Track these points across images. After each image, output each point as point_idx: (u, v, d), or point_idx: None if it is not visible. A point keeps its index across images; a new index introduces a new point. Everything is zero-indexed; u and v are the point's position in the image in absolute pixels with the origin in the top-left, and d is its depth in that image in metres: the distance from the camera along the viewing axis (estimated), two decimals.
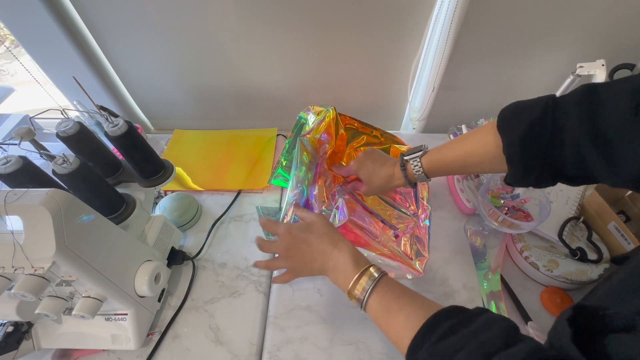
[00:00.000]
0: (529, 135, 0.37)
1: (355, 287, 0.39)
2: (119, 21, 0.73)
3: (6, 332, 0.47)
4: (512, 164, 0.39)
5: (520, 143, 0.38)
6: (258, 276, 0.61)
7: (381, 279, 0.39)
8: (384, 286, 0.39)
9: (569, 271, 0.55)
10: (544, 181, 0.39)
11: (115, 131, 0.47)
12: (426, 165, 0.49)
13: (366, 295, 0.38)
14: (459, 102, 0.87)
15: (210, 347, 0.53)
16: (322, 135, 0.63)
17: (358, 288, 0.39)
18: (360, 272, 0.40)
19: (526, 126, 0.37)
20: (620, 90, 0.31)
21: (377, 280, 0.39)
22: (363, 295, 0.39)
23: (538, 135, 0.36)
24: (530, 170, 0.38)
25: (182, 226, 0.67)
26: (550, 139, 0.36)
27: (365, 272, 0.40)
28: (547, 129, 0.35)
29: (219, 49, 0.79)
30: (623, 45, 0.73)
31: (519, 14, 0.68)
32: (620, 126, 0.31)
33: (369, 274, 0.39)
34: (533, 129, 0.36)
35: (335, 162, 0.68)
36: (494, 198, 0.63)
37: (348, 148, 0.70)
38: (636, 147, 0.30)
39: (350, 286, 0.39)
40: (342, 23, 0.73)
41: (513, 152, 0.39)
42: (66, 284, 0.43)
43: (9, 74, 1.76)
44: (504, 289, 0.58)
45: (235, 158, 0.84)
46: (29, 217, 0.36)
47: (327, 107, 0.65)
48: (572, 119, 0.34)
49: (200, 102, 0.92)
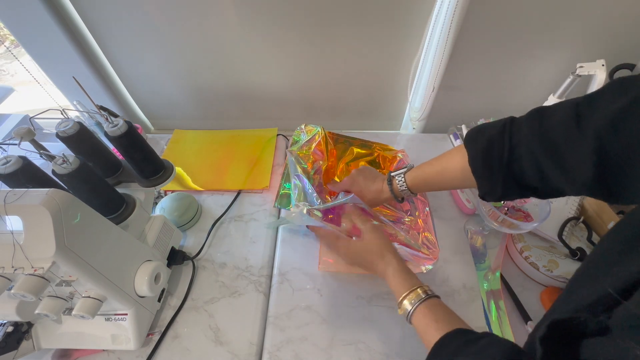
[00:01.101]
0: (488, 148, 0.41)
1: (402, 304, 0.44)
2: (119, 21, 0.73)
3: (6, 332, 0.47)
4: (477, 176, 0.43)
5: (481, 155, 0.42)
6: (258, 276, 0.61)
7: (425, 301, 0.42)
8: (424, 308, 0.42)
9: (569, 271, 0.55)
10: (511, 194, 0.42)
11: (115, 131, 0.47)
12: (409, 181, 0.54)
13: (409, 314, 0.43)
14: (459, 102, 0.87)
15: (210, 347, 0.53)
16: (315, 151, 0.68)
17: (404, 305, 0.44)
18: (407, 293, 0.44)
19: (486, 141, 0.41)
20: (565, 105, 0.36)
21: (421, 300, 0.42)
22: (406, 314, 0.43)
23: (497, 148, 0.40)
24: (495, 182, 0.42)
25: (182, 226, 0.67)
26: (509, 152, 0.39)
27: (412, 293, 0.44)
28: (505, 143, 0.40)
29: (219, 49, 0.79)
30: (623, 45, 0.73)
31: (519, 14, 0.68)
32: (565, 134, 0.34)
33: (415, 294, 0.43)
34: (492, 143, 0.41)
35: (329, 178, 0.72)
36: None
37: (340, 163, 0.75)
38: (581, 154, 0.32)
39: (399, 302, 0.44)
40: (342, 23, 0.73)
41: (476, 165, 0.43)
42: (66, 284, 0.43)
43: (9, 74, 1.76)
44: (504, 289, 0.58)
45: (235, 158, 0.84)
46: (29, 217, 0.36)
47: (316, 127, 0.71)
48: (524, 130, 0.38)
49: (200, 102, 0.92)
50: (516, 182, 0.40)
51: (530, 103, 0.85)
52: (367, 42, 0.77)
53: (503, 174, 0.40)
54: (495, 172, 0.41)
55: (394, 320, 0.55)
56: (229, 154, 0.85)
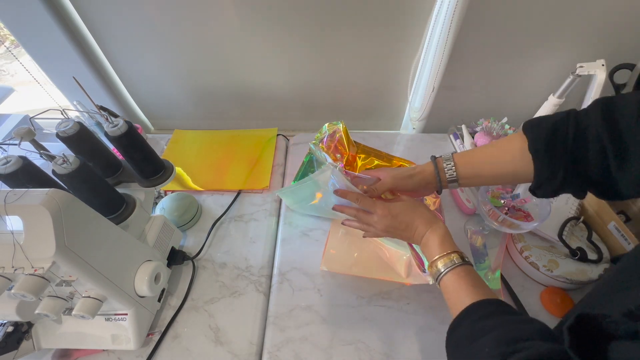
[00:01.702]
0: (553, 132, 0.39)
1: (434, 265, 0.43)
2: (118, 21, 0.73)
3: (6, 332, 0.47)
4: (538, 160, 0.40)
5: (545, 139, 0.39)
6: (258, 276, 0.61)
7: (460, 266, 0.42)
8: (462, 272, 0.41)
9: (569, 271, 0.55)
10: (570, 185, 0.39)
11: (115, 131, 0.47)
12: (459, 165, 0.48)
13: (440, 275, 0.42)
14: (459, 102, 0.87)
15: (210, 347, 0.53)
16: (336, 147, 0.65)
17: (436, 266, 0.43)
18: (441, 255, 0.43)
19: (550, 125, 0.39)
20: (630, 99, 0.35)
21: (455, 265, 0.42)
22: (437, 274, 0.43)
23: (562, 131, 0.38)
24: (556, 168, 0.39)
25: (182, 226, 0.67)
26: (574, 135, 0.37)
27: (446, 256, 0.43)
28: (570, 127, 0.38)
29: (219, 49, 0.79)
30: (623, 45, 0.73)
31: (519, 14, 0.68)
32: (630, 129, 0.33)
33: (449, 258, 0.43)
34: (557, 128, 0.38)
35: None
36: (494, 198, 0.63)
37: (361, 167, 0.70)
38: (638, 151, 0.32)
39: (431, 262, 0.44)
40: (342, 23, 0.73)
41: (538, 147, 0.40)
42: (66, 284, 0.43)
43: (9, 74, 1.76)
44: (504, 289, 0.58)
45: (235, 158, 0.84)
46: (29, 217, 0.36)
47: (338, 123, 0.68)
48: (592, 115, 0.36)
49: (201, 102, 0.92)
50: (577, 171, 0.38)
51: (531, 103, 0.85)
52: (367, 42, 0.77)
53: (566, 160, 0.38)
54: (558, 156, 0.38)
55: (394, 320, 0.55)
56: (229, 154, 0.85)
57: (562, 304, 0.55)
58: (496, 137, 0.74)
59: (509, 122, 0.76)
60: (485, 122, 0.78)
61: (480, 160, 0.48)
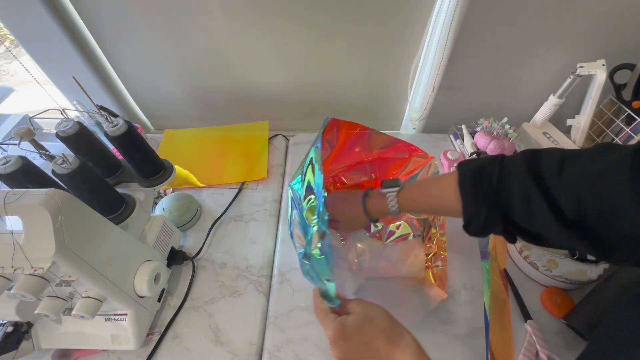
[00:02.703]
0: (479, 171, 0.41)
1: None
2: (119, 21, 0.73)
3: (6, 332, 0.46)
4: (463, 195, 0.42)
5: (470, 176, 0.42)
6: (258, 276, 0.61)
7: None
8: None
9: (568, 271, 0.55)
10: (493, 223, 0.41)
11: (115, 131, 0.47)
12: (402, 198, 0.49)
13: None
14: (459, 102, 0.87)
15: (210, 347, 0.53)
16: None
17: None
18: None
19: (478, 164, 0.42)
20: (554, 151, 0.37)
21: None
22: None
23: (487, 173, 0.40)
24: (480, 207, 0.40)
25: (182, 226, 0.67)
26: (499, 176, 0.39)
27: None
28: (496, 168, 0.40)
29: (219, 49, 0.79)
30: (623, 45, 0.73)
31: (519, 14, 0.68)
32: (550, 175, 0.35)
33: None
34: (483, 168, 0.41)
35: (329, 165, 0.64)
36: None
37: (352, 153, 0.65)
38: (562, 199, 0.33)
39: None
40: (342, 23, 0.73)
41: (464, 184, 0.42)
42: (66, 284, 0.43)
43: (9, 74, 1.76)
44: (508, 286, 0.58)
45: (230, 153, 0.85)
46: (29, 217, 0.36)
47: None
48: (517, 161, 0.38)
49: (200, 102, 0.92)
50: (501, 211, 0.39)
51: (531, 103, 0.85)
52: (367, 42, 0.77)
53: (490, 199, 0.40)
54: (482, 195, 0.40)
55: None
56: (222, 149, 0.86)
57: (562, 304, 0.55)
58: (496, 137, 0.74)
59: (509, 122, 0.76)
60: (486, 122, 0.78)
61: (420, 195, 0.49)
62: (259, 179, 0.78)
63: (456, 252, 0.64)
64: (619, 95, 0.76)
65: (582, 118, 0.77)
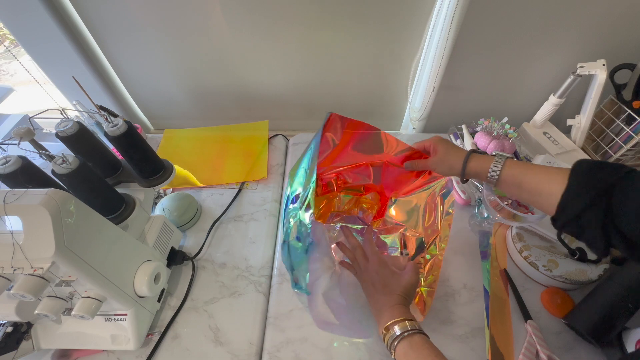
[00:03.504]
0: (601, 165, 0.38)
1: (387, 332, 0.43)
2: (119, 21, 0.73)
3: (5, 333, 0.46)
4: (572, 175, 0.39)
5: (588, 164, 0.39)
6: (258, 276, 0.61)
7: (414, 334, 0.41)
8: (414, 341, 0.40)
9: (568, 271, 0.55)
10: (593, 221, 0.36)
11: (114, 131, 0.47)
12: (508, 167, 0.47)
13: (395, 342, 0.41)
14: (459, 102, 0.87)
15: (210, 348, 0.53)
16: None
17: (389, 333, 0.42)
18: (395, 321, 0.42)
19: (600, 162, 0.39)
20: None
21: (408, 332, 0.41)
22: (390, 341, 0.42)
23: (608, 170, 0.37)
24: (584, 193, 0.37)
25: (182, 226, 0.67)
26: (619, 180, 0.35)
27: (399, 322, 0.42)
28: (621, 171, 0.36)
29: (219, 49, 0.79)
30: (623, 45, 0.73)
31: (519, 14, 0.68)
32: None
33: (402, 325, 0.42)
34: (606, 165, 0.38)
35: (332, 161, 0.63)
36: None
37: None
38: None
39: (387, 325, 0.43)
40: (342, 23, 0.73)
41: (578, 168, 0.39)
42: (65, 284, 0.43)
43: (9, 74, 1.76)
44: (508, 286, 0.58)
45: (229, 153, 0.85)
46: (29, 217, 0.36)
47: None
48: None
49: (200, 102, 0.92)
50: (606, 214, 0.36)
51: (531, 103, 0.85)
52: (368, 42, 0.77)
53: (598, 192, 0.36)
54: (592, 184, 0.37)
55: None
56: (222, 149, 0.86)
57: (562, 304, 0.55)
58: (496, 137, 0.74)
59: (509, 122, 0.76)
60: (486, 122, 0.78)
61: (525, 170, 0.46)
62: (258, 179, 0.78)
63: (456, 252, 0.64)
64: (619, 95, 0.76)
65: (583, 118, 0.77)
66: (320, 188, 0.65)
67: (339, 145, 0.61)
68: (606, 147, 0.78)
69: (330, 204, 0.66)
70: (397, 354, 0.41)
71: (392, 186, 0.65)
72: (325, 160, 0.61)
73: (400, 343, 0.41)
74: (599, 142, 0.80)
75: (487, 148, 0.74)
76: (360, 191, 0.66)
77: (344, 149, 0.61)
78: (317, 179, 0.60)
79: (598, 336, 0.49)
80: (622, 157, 0.76)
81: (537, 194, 0.43)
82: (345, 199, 0.67)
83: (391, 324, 0.42)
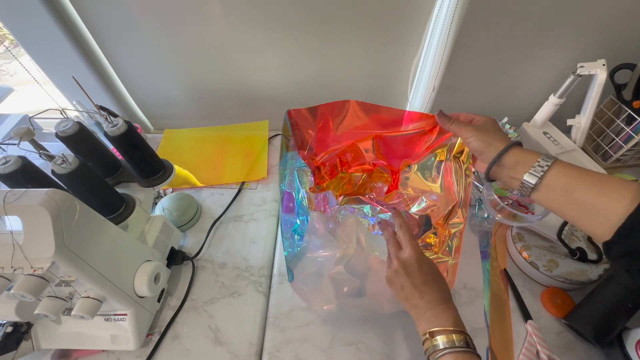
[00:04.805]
0: None
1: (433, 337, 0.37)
2: (118, 21, 0.73)
3: (5, 333, 0.46)
4: None
5: None
6: (258, 276, 0.61)
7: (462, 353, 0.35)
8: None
9: (568, 271, 0.55)
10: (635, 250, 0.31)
11: (114, 131, 0.47)
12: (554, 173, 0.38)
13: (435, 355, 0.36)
14: (459, 102, 0.87)
15: (210, 348, 0.53)
16: None
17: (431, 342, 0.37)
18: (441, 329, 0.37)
19: None
20: None
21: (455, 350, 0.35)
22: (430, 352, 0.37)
23: None
24: None
25: (182, 226, 0.67)
26: None
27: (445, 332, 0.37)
28: None
29: (219, 49, 0.79)
30: (624, 45, 0.73)
31: (520, 13, 0.68)
32: None
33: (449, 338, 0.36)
34: None
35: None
36: (502, 189, 0.63)
37: None
38: None
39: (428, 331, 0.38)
40: (342, 23, 0.73)
41: None
42: (65, 284, 0.43)
43: (8, 74, 1.76)
44: (508, 286, 0.58)
45: (230, 153, 0.85)
46: (28, 217, 0.36)
47: None
48: None
49: (200, 102, 0.92)
50: None
51: (531, 103, 0.85)
52: (367, 42, 0.76)
53: None
54: None
55: (394, 320, 0.55)
56: (222, 149, 0.86)
57: (562, 304, 0.55)
58: None
59: (509, 122, 0.76)
60: None
61: (578, 173, 0.37)
62: (258, 179, 0.78)
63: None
64: (620, 95, 0.76)
65: (583, 118, 0.77)
66: (328, 172, 0.64)
67: (319, 133, 0.61)
68: (606, 147, 0.78)
69: (350, 183, 0.65)
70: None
71: (401, 153, 0.60)
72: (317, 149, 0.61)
73: (442, 359, 0.36)
74: (599, 142, 0.80)
75: None
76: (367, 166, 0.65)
77: (327, 134, 0.61)
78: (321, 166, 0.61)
79: (598, 336, 0.49)
80: (622, 157, 0.76)
81: (590, 208, 0.35)
82: (357, 177, 0.66)
83: (436, 332, 0.37)
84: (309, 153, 0.62)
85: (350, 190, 0.67)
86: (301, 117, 0.58)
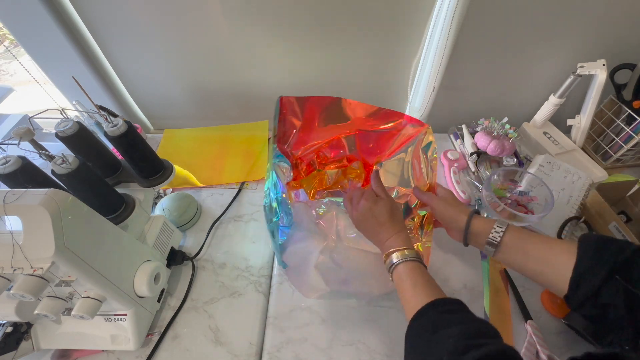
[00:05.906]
0: (609, 240, 0.38)
1: (390, 255, 0.45)
2: (118, 21, 0.73)
3: (5, 333, 0.46)
4: (581, 247, 0.38)
5: (596, 238, 0.39)
6: (258, 276, 0.61)
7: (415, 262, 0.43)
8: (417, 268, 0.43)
9: None
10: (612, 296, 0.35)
11: (114, 131, 0.47)
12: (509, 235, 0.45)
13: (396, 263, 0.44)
14: (459, 102, 0.87)
15: (210, 348, 0.53)
16: None
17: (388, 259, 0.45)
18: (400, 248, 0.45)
19: (607, 237, 0.39)
20: None
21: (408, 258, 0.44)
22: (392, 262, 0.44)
23: (619, 244, 0.37)
24: (599, 266, 0.36)
25: (182, 226, 0.67)
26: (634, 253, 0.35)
27: (403, 250, 0.45)
28: (631, 247, 0.36)
29: (219, 49, 0.79)
30: (623, 45, 0.73)
31: (520, 13, 0.68)
32: None
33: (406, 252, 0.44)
34: (614, 240, 0.38)
35: None
36: (501, 190, 0.63)
37: None
38: None
39: (387, 253, 0.46)
40: (341, 23, 0.73)
41: (586, 239, 0.39)
42: (65, 284, 0.43)
43: (8, 74, 1.76)
44: (508, 286, 0.58)
45: (230, 153, 0.84)
46: (28, 217, 0.36)
47: None
48: None
49: (200, 102, 0.92)
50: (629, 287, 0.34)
51: (531, 103, 0.85)
52: (367, 42, 0.76)
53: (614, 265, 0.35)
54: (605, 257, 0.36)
55: (394, 320, 0.55)
56: (222, 149, 0.86)
57: (562, 304, 0.55)
58: (496, 137, 0.74)
59: (509, 122, 0.76)
60: (486, 122, 0.78)
61: (529, 236, 0.45)
62: (258, 179, 0.78)
63: (456, 252, 0.64)
64: (620, 95, 0.76)
65: (583, 118, 0.77)
66: (304, 168, 0.66)
67: (304, 125, 0.62)
68: (606, 147, 0.78)
69: (321, 181, 0.67)
70: (394, 279, 0.44)
71: (373, 150, 0.65)
72: (297, 142, 0.63)
73: (396, 269, 0.44)
74: (599, 142, 0.80)
75: (487, 148, 0.74)
76: (343, 162, 0.67)
77: (311, 127, 0.63)
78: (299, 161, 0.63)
79: (598, 336, 0.49)
80: (622, 157, 0.76)
81: (544, 263, 0.41)
82: (331, 173, 0.68)
83: (390, 252, 0.45)
84: (289, 148, 0.63)
85: (322, 188, 0.68)
86: (290, 105, 0.60)
